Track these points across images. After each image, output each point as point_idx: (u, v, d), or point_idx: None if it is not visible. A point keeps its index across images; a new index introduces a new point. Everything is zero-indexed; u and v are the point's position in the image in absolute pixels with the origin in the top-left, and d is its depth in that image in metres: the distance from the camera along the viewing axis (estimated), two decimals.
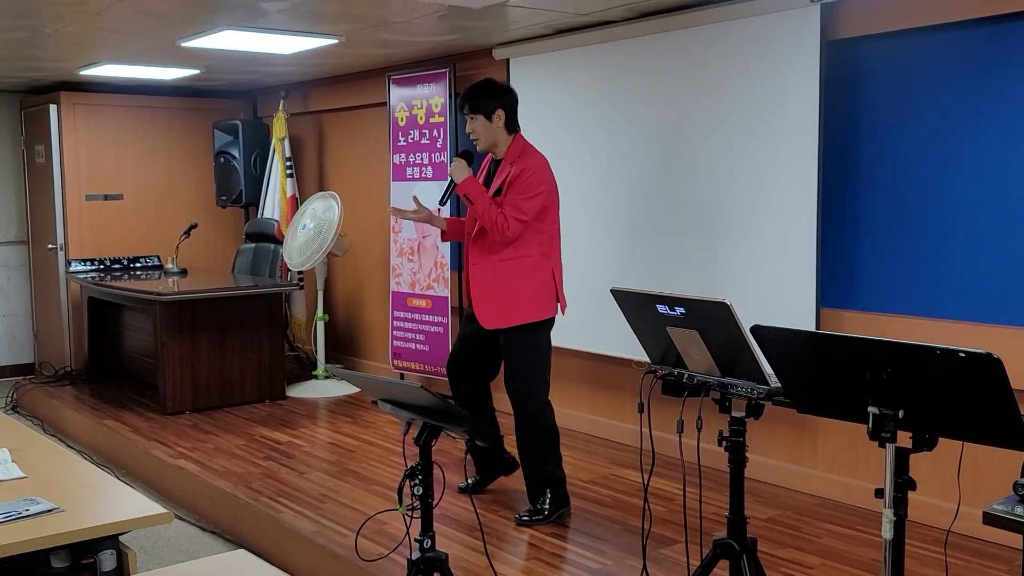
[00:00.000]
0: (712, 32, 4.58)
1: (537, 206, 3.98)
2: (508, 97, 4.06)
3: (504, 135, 4.06)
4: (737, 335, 2.65)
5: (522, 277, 4.01)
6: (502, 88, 4.09)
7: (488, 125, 4.04)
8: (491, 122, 4.03)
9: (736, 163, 4.54)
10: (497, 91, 4.05)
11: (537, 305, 4.04)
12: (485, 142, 4.09)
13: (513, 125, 4.09)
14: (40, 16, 4.82)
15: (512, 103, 4.07)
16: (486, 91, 4.04)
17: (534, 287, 4.02)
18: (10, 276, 8.20)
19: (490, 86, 4.08)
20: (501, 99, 4.03)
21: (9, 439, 3.42)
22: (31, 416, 6.89)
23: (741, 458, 2.87)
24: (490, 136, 4.06)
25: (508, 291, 4.03)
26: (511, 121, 4.07)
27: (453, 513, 4.21)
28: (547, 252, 4.07)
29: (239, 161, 7.68)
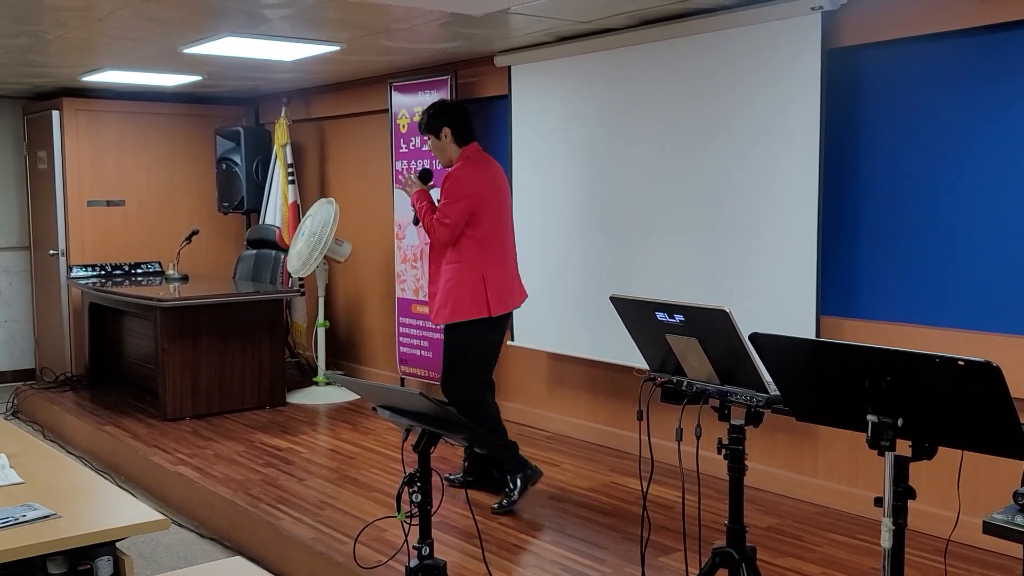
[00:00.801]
0: (713, 40, 4.58)
1: (461, 211, 4.26)
2: (454, 115, 4.42)
3: (455, 148, 4.42)
4: (736, 343, 2.64)
5: (457, 280, 4.32)
6: (449, 107, 4.48)
7: (439, 143, 4.42)
8: (440, 140, 4.41)
9: (737, 171, 4.54)
10: (443, 111, 4.43)
11: (466, 306, 4.31)
12: (442, 158, 4.47)
13: (463, 138, 4.42)
14: (43, 22, 4.83)
15: (458, 119, 4.41)
16: (433, 112, 4.43)
17: (464, 289, 4.31)
18: (11, 281, 8.21)
19: (437, 107, 4.47)
20: (446, 117, 4.39)
21: (8, 445, 3.42)
22: (31, 422, 6.89)
23: (740, 466, 2.86)
24: (443, 152, 4.44)
25: (444, 292, 4.36)
26: (460, 135, 4.40)
27: (452, 520, 4.20)
28: (478, 257, 4.32)
29: (241, 167, 7.69)
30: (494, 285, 4.32)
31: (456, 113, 4.43)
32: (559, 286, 5.47)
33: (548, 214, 5.53)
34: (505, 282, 4.39)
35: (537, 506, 4.46)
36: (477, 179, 4.32)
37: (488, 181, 4.36)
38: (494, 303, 4.32)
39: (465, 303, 4.30)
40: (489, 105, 6.10)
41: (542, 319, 5.61)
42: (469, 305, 4.30)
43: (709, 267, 4.67)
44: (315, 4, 4.38)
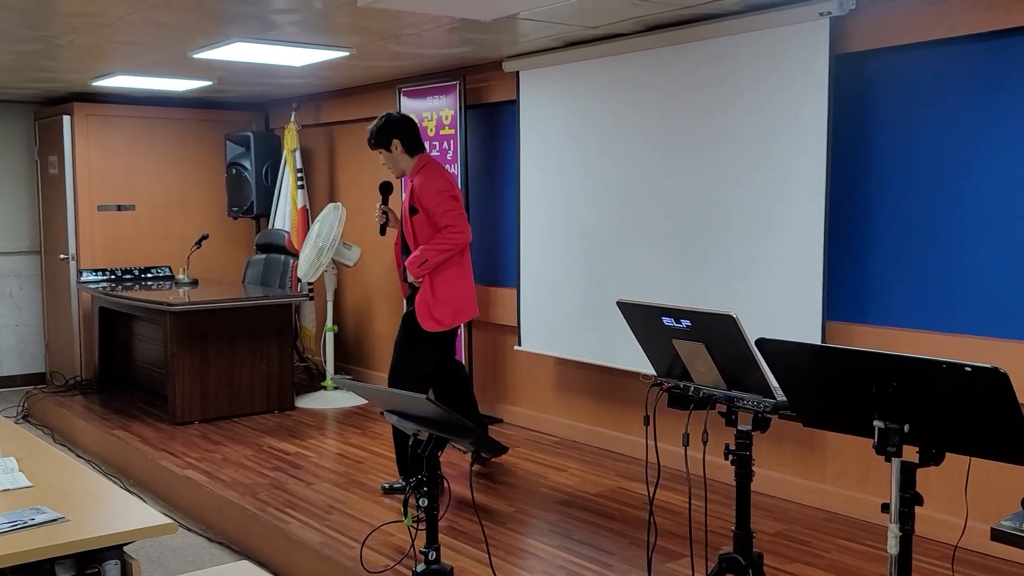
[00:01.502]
0: (721, 45, 4.58)
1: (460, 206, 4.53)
2: (402, 127, 4.55)
3: (407, 159, 4.57)
4: (743, 348, 2.64)
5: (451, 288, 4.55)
6: (396, 120, 4.57)
7: (391, 155, 4.56)
8: (392, 152, 4.54)
9: (744, 176, 4.53)
10: (391, 124, 4.55)
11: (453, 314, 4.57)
12: (395, 169, 4.61)
13: (413, 148, 4.57)
14: (54, 28, 4.86)
15: (406, 131, 4.55)
16: (381, 127, 4.55)
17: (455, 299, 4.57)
18: (22, 286, 8.25)
19: (384, 121, 4.56)
20: (395, 131, 4.53)
21: (17, 448, 3.43)
22: (42, 425, 6.92)
23: (747, 472, 2.86)
24: (396, 164, 4.58)
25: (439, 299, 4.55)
26: (409, 146, 4.56)
27: (459, 525, 4.20)
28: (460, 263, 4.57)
29: (250, 172, 7.72)
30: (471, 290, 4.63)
31: (404, 125, 4.56)
32: (566, 291, 5.47)
33: (555, 219, 5.53)
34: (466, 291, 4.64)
35: (544, 511, 4.46)
36: (448, 178, 4.57)
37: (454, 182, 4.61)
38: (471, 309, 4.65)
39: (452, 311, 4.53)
40: (497, 110, 6.12)
41: (549, 324, 5.61)
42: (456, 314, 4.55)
43: (716, 272, 4.66)
44: (324, 9, 4.40)
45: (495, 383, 6.30)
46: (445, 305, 4.54)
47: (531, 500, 4.61)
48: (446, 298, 4.53)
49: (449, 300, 4.55)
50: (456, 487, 4.71)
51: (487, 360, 6.31)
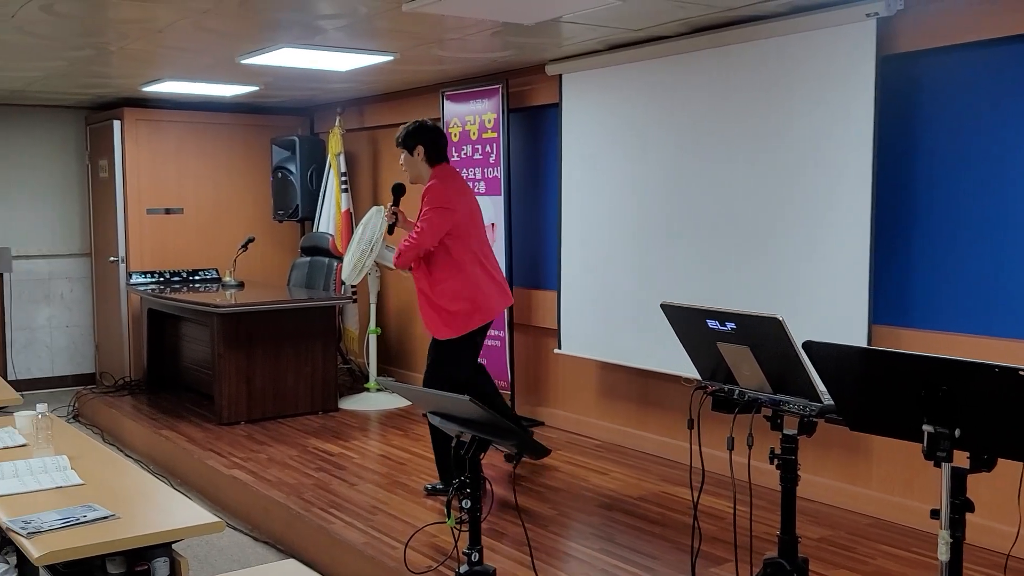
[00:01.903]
0: (766, 47, 4.55)
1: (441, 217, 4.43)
2: (430, 135, 4.56)
3: (426, 167, 4.57)
4: (789, 351, 2.62)
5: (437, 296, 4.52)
6: (426, 128, 4.59)
7: (411, 159, 4.57)
8: (413, 156, 4.56)
9: (789, 178, 4.49)
10: (421, 130, 4.57)
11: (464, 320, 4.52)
12: (411, 173, 4.63)
13: (434, 159, 4.57)
14: (106, 34, 4.96)
15: (433, 140, 4.57)
16: (412, 130, 4.57)
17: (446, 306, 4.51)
18: (73, 288, 8.41)
19: (416, 126, 4.59)
20: (423, 137, 4.55)
21: (69, 447, 3.50)
22: (91, 425, 7.04)
23: (793, 476, 2.84)
24: (414, 168, 4.59)
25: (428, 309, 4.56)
26: (432, 155, 4.56)
27: (501, 527, 4.21)
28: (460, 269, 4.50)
29: (296, 176, 7.81)
30: (478, 298, 4.53)
31: (432, 134, 4.58)
32: (607, 294, 5.46)
33: (598, 222, 5.52)
34: (484, 291, 4.57)
35: (587, 514, 4.45)
36: (457, 198, 4.52)
37: (467, 200, 4.57)
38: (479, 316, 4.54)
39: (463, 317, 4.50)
40: (540, 113, 6.12)
41: (591, 328, 5.60)
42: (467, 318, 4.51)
43: (761, 275, 4.63)
44: (369, 15, 4.44)
45: (537, 386, 6.30)
46: (449, 312, 4.51)
47: (573, 503, 4.61)
48: (446, 306, 4.51)
49: (451, 307, 4.51)
50: (498, 489, 4.72)
51: (528, 363, 6.32)
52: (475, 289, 4.53)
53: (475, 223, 4.60)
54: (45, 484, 3.04)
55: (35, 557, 2.48)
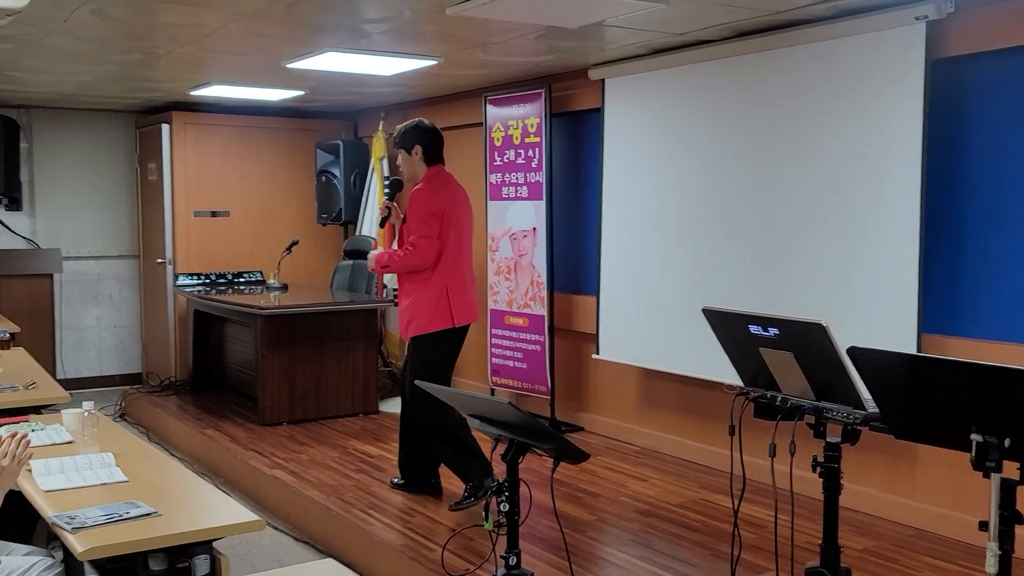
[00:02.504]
0: (811, 51, 4.50)
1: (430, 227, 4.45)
2: (428, 136, 4.59)
3: (422, 166, 4.60)
4: (833, 357, 2.58)
5: (421, 294, 4.52)
6: (425, 128, 4.61)
7: (409, 158, 4.59)
8: (411, 156, 4.58)
9: (836, 184, 4.43)
10: (419, 130, 4.59)
11: (430, 319, 4.51)
12: (407, 172, 4.66)
13: (431, 159, 4.60)
14: (155, 38, 5.04)
15: (431, 141, 4.59)
16: (410, 129, 4.60)
17: (428, 303, 4.51)
18: (121, 289, 8.55)
19: (414, 126, 4.62)
20: (421, 137, 4.57)
21: (114, 444, 3.55)
22: (137, 424, 7.15)
23: (836, 485, 2.80)
24: (410, 167, 4.62)
25: (410, 307, 4.57)
26: (429, 156, 4.59)
27: (540, 532, 4.19)
28: (441, 272, 4.51)
29: (339, 180, 7.87)
30: (456, 298, 4.53)
31: (431, 135, 4.60)
32: (649, 300, 5.43)
33: (639, 227, 5.50)
34: (465, 295, 4.59)
35: (625, 520, 4.43)
36: (440, 199, 4.52)
37: (450, 201, 4.57)
38: (457, 315, 4.54)
39: (429, 316, 4.51)
40: (582, 118, 6.11)
41: (632, 333, 5.57)
42: (433, 318, 4.51)
43: (805, 281, 4.57)
44: (413, 19, 4.47)
45: (576, 391, 6.28)
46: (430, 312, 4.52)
47: (612, 509, 4.59)
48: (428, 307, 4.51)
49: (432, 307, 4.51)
50: (537, 494, 4.70)
51: (568, 368, 6.30)
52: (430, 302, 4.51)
53: (457, 236, 4.56)
54: (90, 480, 3.09)
55: (79, 552, 2.52)
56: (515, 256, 6.29)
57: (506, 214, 6.35)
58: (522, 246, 6.22)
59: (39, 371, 5.01)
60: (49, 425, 3.82)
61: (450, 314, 4.52)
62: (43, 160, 8.12)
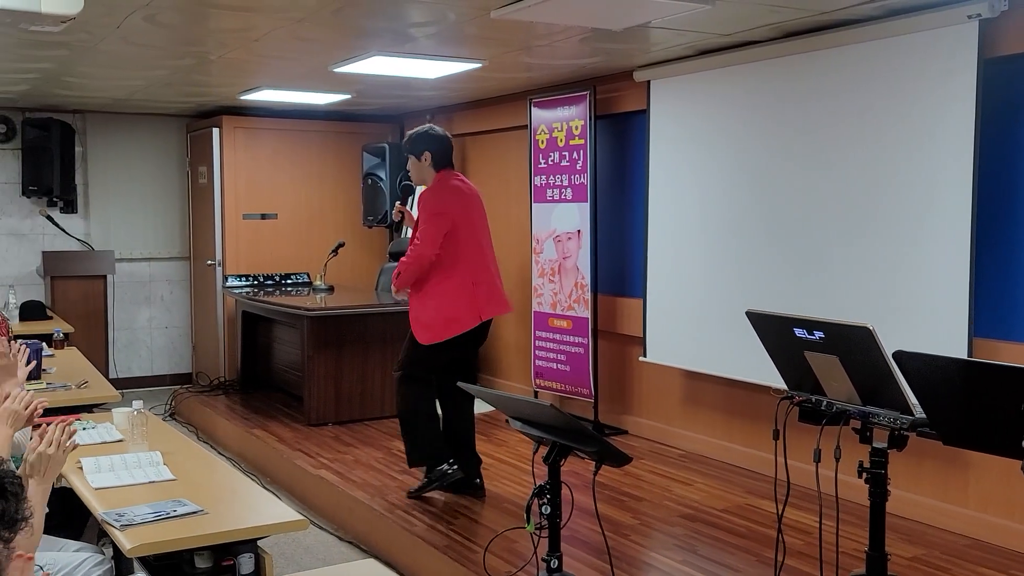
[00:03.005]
0: (860, 51, 4.44)
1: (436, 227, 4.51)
2: (438, 143, 4.69)
3: (431, 172, 4.68)
4: (880, 362, 2.54)
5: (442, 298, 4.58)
6: (434, 135, 4.71)
7: (418, 164, 4.69)
8: (420, 161, 4.67)
9: (885, 185, 4.37)
10: (429, 137, 4.69)
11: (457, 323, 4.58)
12: (416, 177, 4.79)
13: (440, 164, 4.68)
14: (206, 43, 5.12)
15: (440, 147, 4.69)
16: (420, 136, 4.70)
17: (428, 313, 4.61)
18: (173, 290, 8.69)
19: (424, 132, 4.71)
20: (430, 143, 4.67)
21: (162, 443, 3.61)
22: (187, 423, 7.26)
23: (882, 491, 2.75)
24: (419, 173, 4.73)
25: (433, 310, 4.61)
26: (438, 161, 4.67)
27: (582, 535, 4.18)
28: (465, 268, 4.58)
29: (385, 183, 7.92)
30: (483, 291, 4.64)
31: (440, 142, 4.70)
32: (694, 302, 5.39)
33: (685, 229, 5.46)
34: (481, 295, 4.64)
35: (669, 524, 4.40)
36: (451, 201, 4.58)
37: (462, 202, 4.62)
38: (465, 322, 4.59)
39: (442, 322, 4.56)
40: (627, 120, 6.09)
41: (676, 335, 5.54)
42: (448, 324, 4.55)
43: (852, 284, 4.51)
44: (459, 22, 4.48)
45: (620, 394, 6.26)
46: (432, 319, 4.58)
47: (655, 513, 4.56)
48: (432, 313, 4.58)
49: (436, 314, 4.57)
50: (580, 496, 4.69)
51: (612, 371, 6.28)
52: (456, 299, 4.56)
53: (472, 229, 4.62)
54: (139, 478, 3.15)
55: (127, 549, 2.57)
56: (559, 258, 6.28)
57: (550, 216, 6.35)
58: (566, 248, 6.21)
59: (91, 370, 5.12)
60: (100, 424, 3.90)
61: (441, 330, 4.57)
62: (97, 164, 8.29)
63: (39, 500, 2.42)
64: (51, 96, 7.24)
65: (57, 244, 8.17)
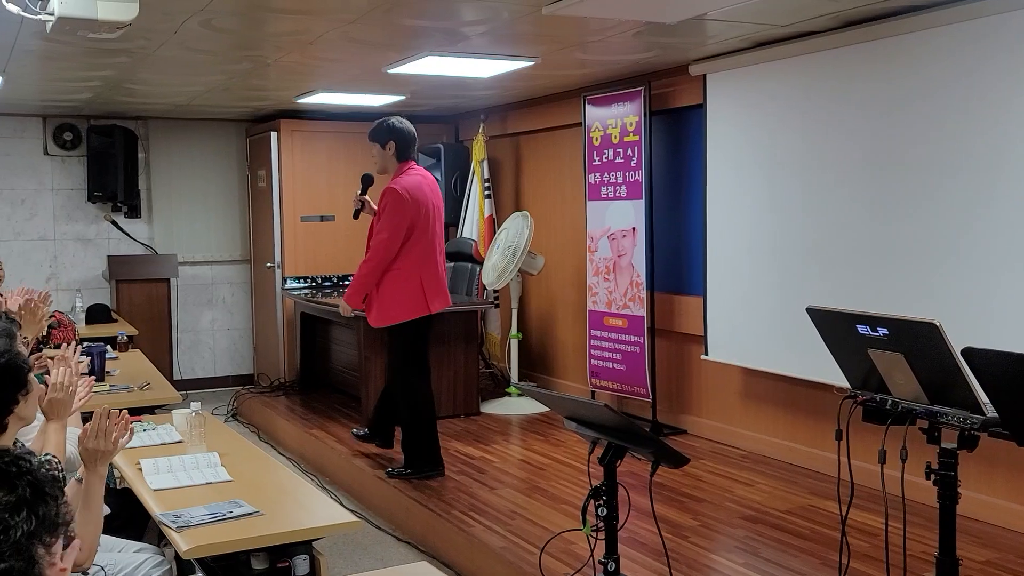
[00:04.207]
0: (923, 38, 4.30)
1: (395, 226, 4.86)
2: (402, 134, 5.02)
3: (394, 162, 5.02)
4: (948, 359, 2.45)
5: (397, 285, 4.91)
6: (399, 128, 5.03)
7: (383, 152, 5.02)
8: (385, 150, 5.01)
9: (951, 176, 4.23)
10: (394, 128, 5.02)
11: (407, 308, 4.91)
12: (379, 165, 5.08)
13: (403, 156, 5.03)
14: (262, 47, 5.17)
15: (405, 139, 5.02)
16: (386, 127, 5.02)
17: (404, 294, 4.91)
18: (234, 292, 8.82)
19: (390, 123, 5.04)
20: (396, 135, 5.00)
21: (220, 444, 3.64)
22: (249, 423, 7.35)
23: (952, 493, 2.65)
24: (383, 161, 5.04)
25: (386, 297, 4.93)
26: (401, 153, 5.01)
27: (641, 536, 4.12)
28: (414, 264, 4.91)
29: (441, 183, 7.90)
30: (430, 287, 4.93)
31: (405, 133, 5.01)
32: (755, 299, 5.29)
33: (744, 224, 5.36)
34: (438, 284, 4.99)
35: (730, 526, 4.32)
36: (409, 198, 4.88)
37: (419, 198, 4.92)
38: (432, 302, 4.95)
39: (407, 305, 4.89)
40: (683, 115, 6.00)
41: (736, 333, 5.44)
42: (411, 306, 4.89)
43: (915, 278, 4.37)
44: (511, 19, 4.45)
45: (679, 393, 6.17)
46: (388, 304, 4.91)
47: (716, 514, 4.48)
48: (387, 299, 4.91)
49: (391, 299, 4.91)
50: (638, 497, 4.63)
51: (671, 370, 6.20)
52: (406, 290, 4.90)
53: (425, 225, 4.93)
54: (196, 480, 3.17)
55: (183, 550, 2.58)
56: (614, 256, 6.22)
57: (605, 214, 6.28)
58: (621, 246, 6.15)
59: (154, 372, 5.20)
60: (160, 425, 3.95)
61: (425, 303, 4.92)
62: (159, 169, 8.44)
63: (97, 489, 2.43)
64: (114, 103, 7.38)
65: (122, 248, 8.34)
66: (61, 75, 5.98)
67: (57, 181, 8.17)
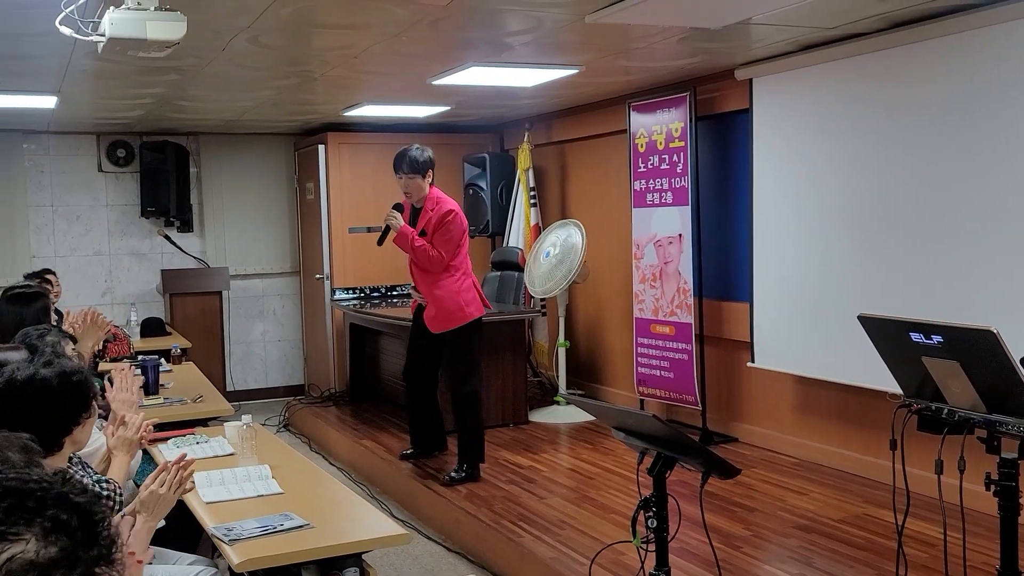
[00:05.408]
0: (973, 39, 4.22)
1: (455, 245, 5.19)
2: (433, 163, 5.28)
3: (428, 188, 5.26)
4: (1006, 367, 2.40)
5: (447, 291, 5.19)
6: (432, 157, 5.27)
7: (423, 183, 5.22)
8: (424, 179, 5.22)
9: (1005, 178, 4.13)
10: (431, 158, 5.25)
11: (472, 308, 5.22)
12: (415, 194, 5.25)
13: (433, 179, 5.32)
14: (309, 62, 5.23)
15: (434, 166, 5.29)
16: (425, 160, 5.21)
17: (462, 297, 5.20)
18: (284, 304, 8.92)
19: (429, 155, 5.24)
20: (431, 163, 5.25)
21: (271, 456, 3.68)
22: (300, 434, 7.42)
23: (1014, 505, 2.59)
24: (419, 191, 5.24)
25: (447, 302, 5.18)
26: (433, 178, 5.31)
27: (692, 547, 4.08)
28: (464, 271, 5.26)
29: (486, 192, 7.95)
30: (479, 289, 5.34)
31: (433, 161, 5.28)
32: (803, 305, 5.22)
33: (794, 230, 5.29)
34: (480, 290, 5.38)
35: (783, 536, 4.26)
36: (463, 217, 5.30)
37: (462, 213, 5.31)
38: (485, 301, 5.35)
39: (473, 304, 5.21)
40: (729, 120, 5.95)
41: (787, 340, 5.37)
42: (476, 305, 5.23)
43: (972, 284, 4.28)
44: (554, 28, 4.45)
45: (729, 401, 6.11)
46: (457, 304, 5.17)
47: (768, 524, 4.42)
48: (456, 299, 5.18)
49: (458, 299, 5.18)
50: (688, 507, 4.58)
51: (720, 377, 6.13)
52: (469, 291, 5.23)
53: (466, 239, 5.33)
54: (248, 492, 3.20)
55: (235, 564, 2.61)
56: (660, 263, 6.18)
57: (651, 220, 6.25)
58: (667, 253, 6.10)
59: (206, 385, 5.27)
60: (212, 438, 4.00)
61: (483, 302, 5.30)
62: (210, 184, 8.57)
63: (143, 537, 2.46)
64: (165, 120, 7.52)
65: (175, 262, 8.48)
66: (113, 93, 6.11)
67: (111, 197, 8.34)
